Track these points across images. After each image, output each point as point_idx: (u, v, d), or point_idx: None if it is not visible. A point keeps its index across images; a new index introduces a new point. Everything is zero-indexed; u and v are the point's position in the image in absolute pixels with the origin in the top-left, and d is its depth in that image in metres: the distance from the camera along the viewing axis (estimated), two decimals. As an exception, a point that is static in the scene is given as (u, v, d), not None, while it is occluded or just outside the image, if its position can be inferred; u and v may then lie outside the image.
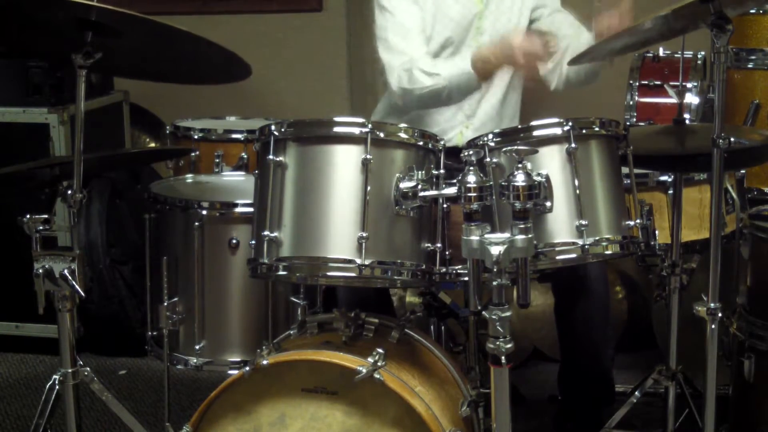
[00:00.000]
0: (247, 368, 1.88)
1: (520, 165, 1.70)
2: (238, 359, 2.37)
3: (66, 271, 2.03)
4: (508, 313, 1.66)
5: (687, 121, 2.44)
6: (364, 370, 1.82)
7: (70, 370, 2.15)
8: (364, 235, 1.85)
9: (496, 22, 2.62)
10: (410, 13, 2.55)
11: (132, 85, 3.71)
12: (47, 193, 2.17)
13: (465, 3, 2.60)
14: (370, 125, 1.89)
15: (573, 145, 1.91)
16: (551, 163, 1.91)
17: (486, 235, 1.66)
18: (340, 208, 1.87)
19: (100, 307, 3.41)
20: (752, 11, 3.03)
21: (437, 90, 2.42)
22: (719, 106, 1.90)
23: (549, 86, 2.66)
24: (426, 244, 1.95)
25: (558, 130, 1.92)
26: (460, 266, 1.96)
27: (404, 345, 2.07)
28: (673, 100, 3.03)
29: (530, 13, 2.67)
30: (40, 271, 2.03)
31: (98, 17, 1.91)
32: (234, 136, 2.95)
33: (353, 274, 1.86)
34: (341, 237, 1.86)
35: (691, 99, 3.13)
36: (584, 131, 1.95)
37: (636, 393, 2.50)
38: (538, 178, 1.72)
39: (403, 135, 1.94)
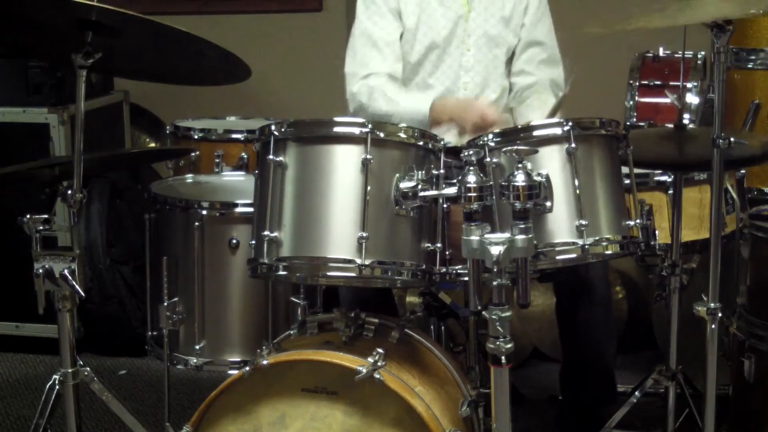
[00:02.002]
0: (247, 368, 1.88)
1: (520, 165, 1.70)
2: (238, 359, 2.37)
3: (66, 271, 2.02)
4: (508, 313, 1.66)
5: (687, 122, 2.43)
6: (364, 370, 1.81)
7: (70, 370, 2.14)
8: (364, 235, 1.85)
9: (484, 23, 2.63)
10: (387, 29, 2.59)
11: (132, 85, 3.71)
12: (47, 193, 2.17)
13: (450, 5, 2.61)
14: (370, 125, 1.88)
15: (573, 145, 1.90)
16: (551, 163, 1.90)
17: (486, 235, 1.66)
18: (340, 208, 1.87)
19: (100, 307, 3.40)
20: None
21: (389, 117, 2.49)
22: (719, 106, 1.89)
23: None
24: (426, 244, 1.95)
25: (558, 130, 1.92)
26: (460, 266, 1.96)
27: (404, 345, 2.07)
28: (673, 100, 3.03)
29: (523, 13, 2.66)
30: (40, 271, 2.03)
31: (98, 17, 1.91)
32: (234, 136, 2.95)
33: (353, 274, 1.85)
34: (341, 237, 1.86)
35: (691, 99, 3.13)
36: (584, 131, 1.95)
37: (636, 393, 2.50)
38: (538, 178, 1.72)
39: (403, 135, 1.94)
